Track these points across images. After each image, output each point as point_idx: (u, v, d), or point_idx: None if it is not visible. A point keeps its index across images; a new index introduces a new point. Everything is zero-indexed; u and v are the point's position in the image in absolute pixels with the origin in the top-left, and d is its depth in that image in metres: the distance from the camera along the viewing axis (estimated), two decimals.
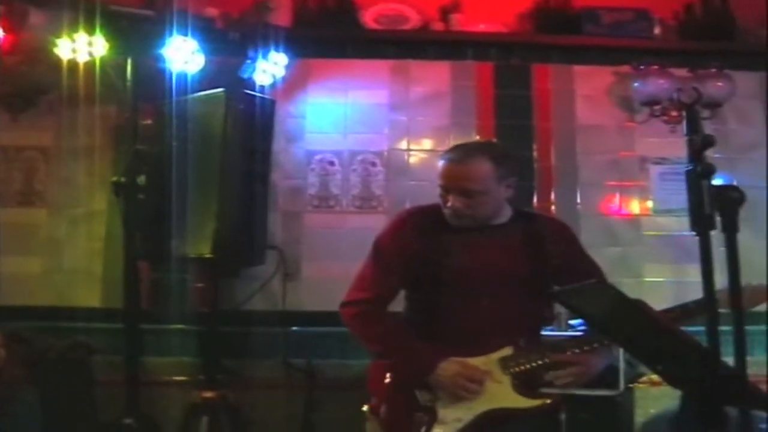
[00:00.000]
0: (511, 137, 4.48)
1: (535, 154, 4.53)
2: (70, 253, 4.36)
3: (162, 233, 3.58)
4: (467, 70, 4.62)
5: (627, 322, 1.75)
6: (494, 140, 3.01)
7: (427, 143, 4.56)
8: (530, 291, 2.72)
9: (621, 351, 3.34)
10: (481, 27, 4.65)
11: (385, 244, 2.85)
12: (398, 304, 2.88)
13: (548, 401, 2.62)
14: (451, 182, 2.70)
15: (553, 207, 4.46)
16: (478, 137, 4.52)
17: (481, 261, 2.72)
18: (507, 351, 2.65)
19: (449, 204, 2.70)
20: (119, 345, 3.56)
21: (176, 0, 4.32)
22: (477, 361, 2.64)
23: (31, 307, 4.21)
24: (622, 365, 3.41)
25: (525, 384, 2.63)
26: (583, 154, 4.56)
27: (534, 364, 2.63)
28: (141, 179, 3.60)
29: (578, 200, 4.49)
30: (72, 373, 3.86)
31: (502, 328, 2.66)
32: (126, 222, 3.56)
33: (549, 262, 2.74)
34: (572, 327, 3.71)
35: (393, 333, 2.77)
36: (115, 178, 3.57)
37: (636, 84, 4.50)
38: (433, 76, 4.59)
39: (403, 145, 4.54)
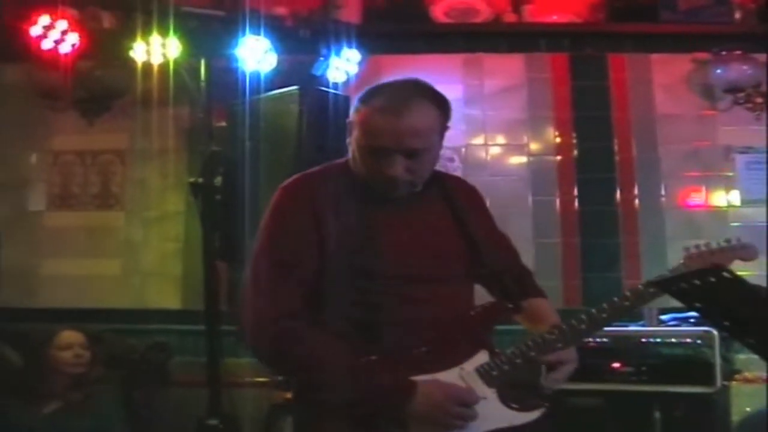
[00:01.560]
0: (590, 129, 4.41)
1: (615, 146, 4.41)
2: (149, 255, 4.39)
3: (240, 233, 3.56)
4: (541, 61, 4.51)
5: (752, 312, 1.64)
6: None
7: (504, 137, 4.47)
8: (466, 271, 2.16)
9: (717, 346, 3.23)
10: (554, 18, 4.55)
11: (284, 226, 2.07)
12: None
13: (545, 406, 2.09)
14: (393, 140, 1.98)
15: (636, 201, 4.33)
16: (555, 131, 4.45)
17: (415, 239, 2.09)
18: (482, 357, 2.05)
19: (389, 169, 2.00)
20: (200, 346, 3.57)
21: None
22: (450, 375, 2.01)
23: (111, 310, 4.24)
24: (718, 361, 3.28)
25: (514, 394, 2.08)
26: (664, 145, 4.41)
27: (517, 368, 2.06)
28: (217, 180, 3.62)
29: (662, 192, 4.35)
30: (153, 375, 3.88)
31: (453, 322, 2.07)
32: (204, 223, 3.58)
33: (473, 233, 2.16)
34: (663, 322, 3.61)
35: (335, 353, 1.98)
36: (192, 180, 3.60)
37: (717, 71, 4.35)
38: (506, 69, 4.50)
39: (480, 140, 4.46)
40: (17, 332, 3.84)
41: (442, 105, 2.08)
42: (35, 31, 3.89)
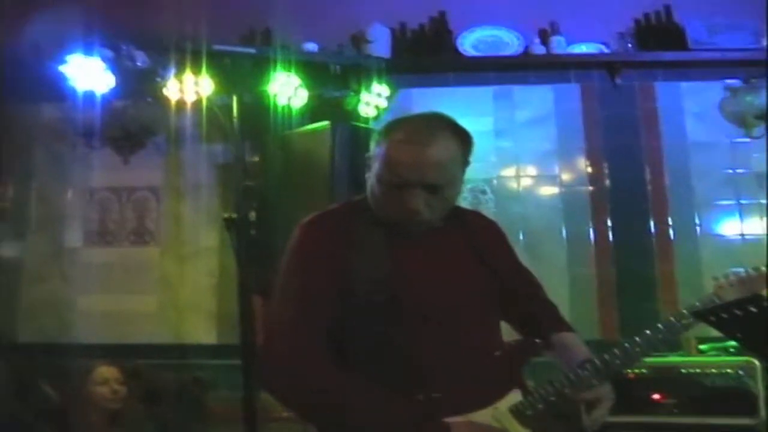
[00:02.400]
0: (621, 159, 4.40)
1: (647, 175, 4.38)
2: (184, 290, 4.42)
3: (274, 268, 3.57)
4: (571, 92, 4.52)
5: None
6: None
7: (535, 168, 4.47)
8: (491, 307, 2.12)
9: (760, 376, 3.17)
10: (583, 48, 4.56)
11: (305, 265, 2.01)
12: None
13: None
14: (413, 173, 1.92)
15: (670, 229, 4.30)
16: (587, 161, 4.44)
17: (438, 276, 2.03)
18: (515, 396, 2.01)
19: (409, 203, 1.95)
20: (236, 381, 3.57)
21: (276, 36, 4.41)
22: (484, 416, 1.94)
23: (147, 345, 4.28)
24: (761, 391, 3.22)
25: None
26: (697, 173, 4.38)
27: (551, 406, 2.00)
28: (252, 215, 3.65)
29: (696, 221, 4.32)
30: (189, 409, 3.89)
31: (484, 361, 2.01)
32: (239, 258, 3.60)
33: (495, 269, 2.12)
34: (703, 352, 3.56)
35: (363, 394, 1.89)
36: (226, 215, 3.63)
37: (748, 98, 4.33)
38: (537, 100, 4.51)
39: (512, 171, 4.46)
40: (55, 367, 3.88)
41: (463, 138, 2.03)
42: (72, 71, 3.96)
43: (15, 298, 4.48)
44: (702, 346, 3.60)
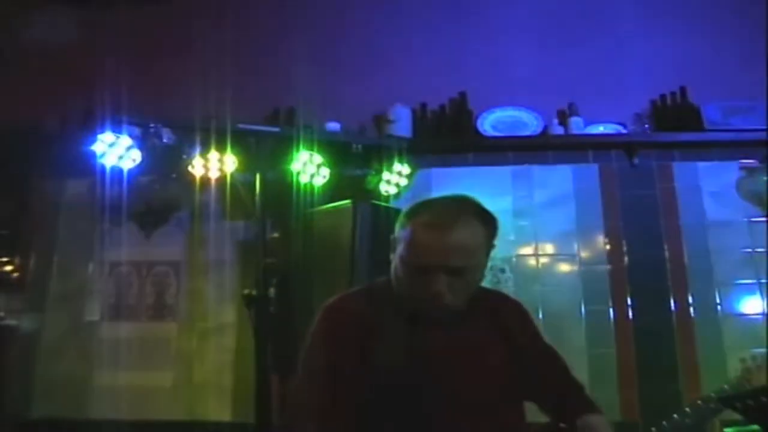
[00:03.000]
0: (640, 237, 4.40)
1: (666, 254, 4.38)
2: (201, 366, 4.39)
3: (292, 346, 3.56)
4: (590, 172, 4.55)
5: None
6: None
7: (554, 247, 4.47)
8: (516, 390, 2.12)
9: None
10: (601, 129, 4.61)
11: (329, 349, 2.01)
12: None
13: None
14: (436, 256, 1.93)
15: (691, 309, 4.27)
16: (605, 240, 4.44)
17: (461, 360, 2.02)
18: None
19: (431, 287, 1.95)
20: None
21: (300, 116, 4.49)
22: None
23: (162, 422, 4.24)
24: None
25: None
26: (716, 252, 4.37)
27: None
28: (271, 292, 3.65)
29: (717, 300, 4.29)
30: None
31: None
32: (257, 335, 3.59)
33: (521, 351, 2.12)
34: None
35: None
36: (246, 291, 3.64)
37: (764, 177, 4.35)
38: (555, 180, 4.54)
39: (531, 250, 4.47)
40: None
41: (488, 222, 2.05)
42: (100, 148, 4.03)
43: (30, 372, 4.46)
44: (727, 429, 3.54)
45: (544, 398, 2.20)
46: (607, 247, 4.43)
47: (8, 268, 4.68)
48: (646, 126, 4.61)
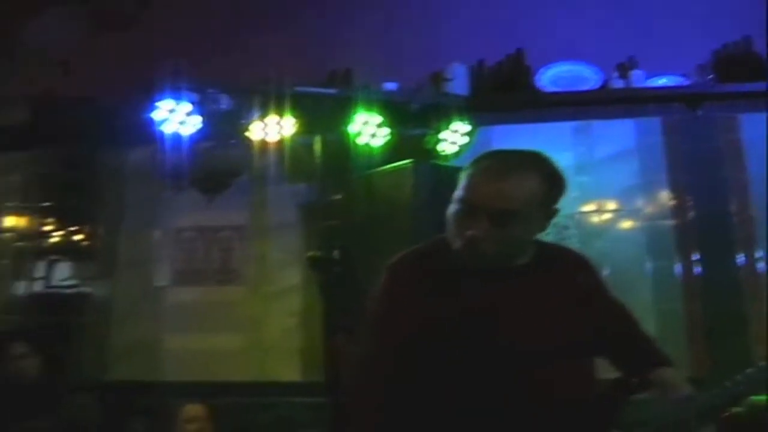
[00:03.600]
0: (706, 191, 4.32)
1: (732, 207, 4.30)
2: (269, 328, 4.46)
3: (359, 306, 3.59)
4: (652, 125, 4.47)
5: None
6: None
7: (618, 203, 4.41)
8: (585, 346, 2.03)
9: None
10: (663, 81, 4.52)
11: (393, 306, 1.98)
12: None
13: None
14: (481, 198, 1.86)
15: (759, 263, 4.18)
16: (670, 195, 4.37)
17: (528, 316, 1.95)
18: None
19: (469, 229, 1.87)
20: (322, 418, 3.57)
21: (357, 77, 4.48)
22: None
23: (233, 383, 4.31)
24: None
25: None
26: None
27: None
28: (335, 253, 3.68)
29: None
30: None
31: (578, 402, 1.93)
32: (324, 296, 3.63)
33: (590, 306, 2.05)
34: None
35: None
36: (311, 253, 3.67)
37: None
38: (617, 135, 4.47)
39: (594, 206, 4.42)
40: (144, 405, 3.96)
41: (550, 180, 1.95)
42: (161, 115, 4.08)
43: (105, 336, 4.60)
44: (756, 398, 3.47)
45: (615, 352, 2.17)
46: (672, 201, 4.36)
47: (78, 237, 4.80)
48: (710, 77, 4.49)
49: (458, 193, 1.93)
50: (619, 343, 2.14)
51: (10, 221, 4.93)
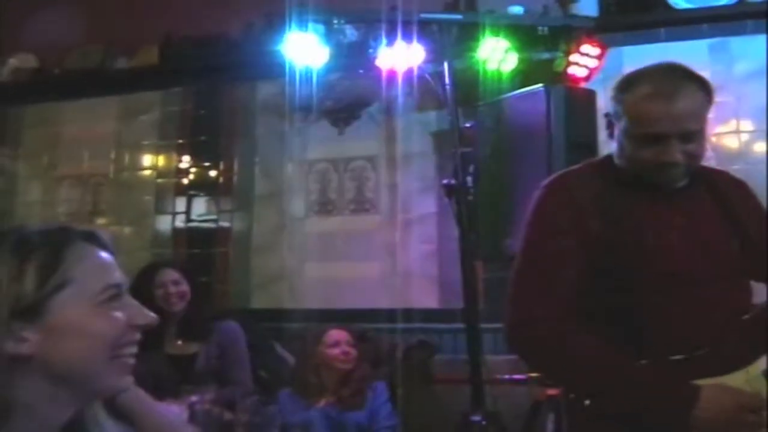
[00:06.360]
0: None
1: None
2: (405, 256, 4.54)
3: (494, 232, 3.63)
4: None
5: None
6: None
7: (757, 123, 4.24)
8: (741, 269, 2.05)
9: None
10: None
11: (550, 227, 2.02)
12: None
13: None
14: (669, 123, 1.91)
15: None
16: None
17: (686, 236, 1.99)
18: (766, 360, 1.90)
19: (666, 155, 1.93)
20: (459, 344, 3.67)
21: (481, 1, 4.42)
22: (735, 380, 1.86)
23: (372, 310, 4.42)
24: None
25: None
26: None
27: None
28: (468, 180, 3.71)
29: None
30: (416, 372, 4.02)
31: (732, 323, 1.94)
32: (460, 223, 3.68)
33: (747, 228, 2.06)
34: None
35: (606, 357, 1.91)
36: (445, 181, 3.71)
37: None
38: (755, 51, 4.23)
39: (731, 126, 4.27)
40: (288, 332, 4.13)
41: (705, 86, 2.02)
42: (288, 48, 4.13)
43: (247, 267, 4.80)
44: None
45: None
46: None
47: (213, 172, 4.97)
48: None
49: (632, 125, 1.98)
50: None
51: (148, 159, 5.15)
